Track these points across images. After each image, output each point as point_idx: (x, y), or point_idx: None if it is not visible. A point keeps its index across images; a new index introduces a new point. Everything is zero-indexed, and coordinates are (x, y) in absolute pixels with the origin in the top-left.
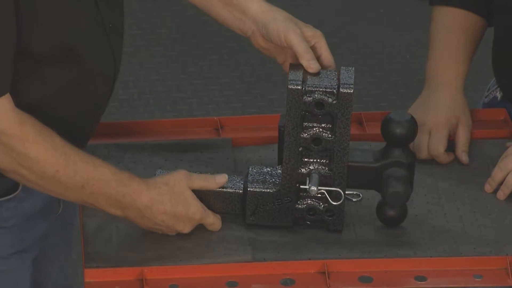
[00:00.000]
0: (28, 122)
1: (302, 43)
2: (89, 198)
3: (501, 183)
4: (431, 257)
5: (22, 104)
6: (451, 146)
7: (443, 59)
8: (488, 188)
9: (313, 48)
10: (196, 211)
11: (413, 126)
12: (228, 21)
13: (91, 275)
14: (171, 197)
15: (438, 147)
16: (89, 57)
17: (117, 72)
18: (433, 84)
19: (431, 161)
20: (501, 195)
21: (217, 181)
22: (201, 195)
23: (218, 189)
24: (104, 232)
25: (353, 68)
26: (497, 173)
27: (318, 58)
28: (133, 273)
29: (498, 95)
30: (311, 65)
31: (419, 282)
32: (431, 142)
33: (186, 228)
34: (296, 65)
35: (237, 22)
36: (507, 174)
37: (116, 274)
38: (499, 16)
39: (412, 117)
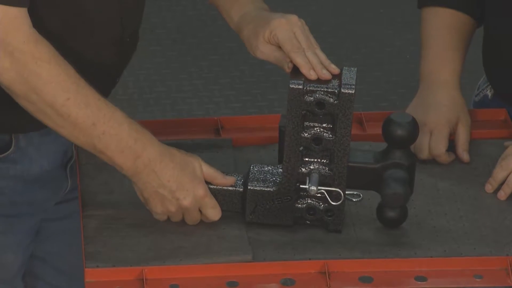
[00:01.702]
0: (43, 43)
1: (301, 55)
2: (100, 142)
3: (502, 183)
4: (431, 257)
5: None
6: (450, 145)
7: (438, 57)
8: (489, 188)
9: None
10: (201, 185)
11: (414, 128)
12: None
13: (91, 275)
14: (181, 161)
15: (440, 147)
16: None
17: (125, 36)
18: (430, 83)
19: (432, 161)
20: (502, 195)
21: (226, 178)
22: None
23: (219, 186)
24: (104, 232)
25: (356, 69)
26: (499, 173)
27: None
28: (133, 273)
29: (489, 93)
30: (312, 75)
31: (420, 282)
32: (432, 142)
33: (187, 199)
34: None
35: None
36: (509, 174)
37: (116, 274)
38: (490, 16)
39: (413, 119)
